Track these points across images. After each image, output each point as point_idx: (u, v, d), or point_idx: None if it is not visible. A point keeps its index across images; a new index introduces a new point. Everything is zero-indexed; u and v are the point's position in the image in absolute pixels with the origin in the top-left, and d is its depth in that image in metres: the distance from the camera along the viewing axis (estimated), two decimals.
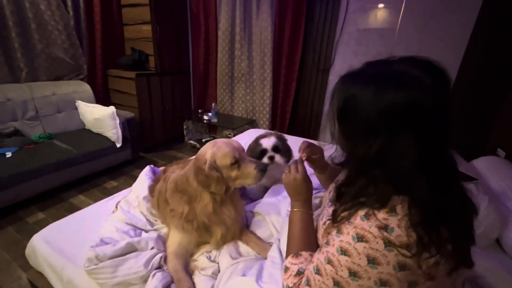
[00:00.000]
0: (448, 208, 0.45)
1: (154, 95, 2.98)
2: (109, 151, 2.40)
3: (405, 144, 0.45)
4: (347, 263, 0.47)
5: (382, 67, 0.51)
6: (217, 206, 0.86)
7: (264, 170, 0.85)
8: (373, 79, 0.49)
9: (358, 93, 0.50)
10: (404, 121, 0.45)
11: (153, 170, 1.27)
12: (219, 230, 0.88)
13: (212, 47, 3.22)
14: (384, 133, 0.47)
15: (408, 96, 0.45)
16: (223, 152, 0.84)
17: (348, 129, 0.54)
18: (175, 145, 3.37)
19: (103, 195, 2.18)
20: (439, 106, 0.45)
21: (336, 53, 2.62)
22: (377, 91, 0.47)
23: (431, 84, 0.45)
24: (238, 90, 3.24)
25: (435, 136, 0.46)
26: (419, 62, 0.49)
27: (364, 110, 0.48)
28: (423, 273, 0.44)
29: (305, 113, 2.99)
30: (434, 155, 0.46)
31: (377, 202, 0.47)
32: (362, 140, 0.50)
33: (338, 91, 0.55)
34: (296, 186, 0.72)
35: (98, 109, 2.41)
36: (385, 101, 0.46)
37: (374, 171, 0.49)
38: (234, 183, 0.87)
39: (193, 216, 0.86)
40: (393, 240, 0.44)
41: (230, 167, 0.84)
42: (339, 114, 0.55)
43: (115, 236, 0.91)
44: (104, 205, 1.20)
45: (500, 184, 1.23)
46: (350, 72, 0.55)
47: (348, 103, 0.52)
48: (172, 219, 0.89)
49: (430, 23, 2.16)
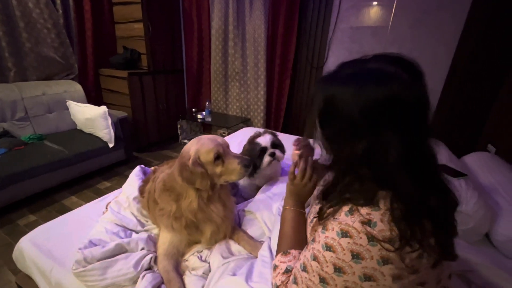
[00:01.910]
0: (431, 201, 0.46)
1: (147, 94, 2.95)
2: (101, 152, 2.37)
3: (389, 141, 0.45)
4: (332, 259, 0.47)
5: (357, 67, 0.51)
6: (203, 203, 0.85)
7: (247, 166, 0.85)
8: (351, 78, 0.49)
9: (338, 94, 0.49)
10: (386, 118, 0.46)
11: (144, 171, 1.26)
12: (208, 228, 0.87)
13: (205, 45, 3.20)
14: (368, 132, 0.47)
15: (388, 92, 0.45)
16: (207, 148, 0.84)
17: (331, 132, 0.54)
18: (170, 144, 3.34)
19: (96, 196, 2.15)
20: (418, 100, 0.46)
21: (329, 50, 2.62)
22: (356, 90, 0.47)
23: (407, 78, 0.46)
24: (232, 89, 3.22)
25: (417, 130, 0.46)
26: (392, 59, 0.49)
27: (345, 111, 0.48)
28: (406, 267, 0.44)
29: (299, 111, 2.99)
30: (417, 150, 0.47)
31: (363, 200, 0.47)
32: (346, 142, 0.50)
33: (317, 95, 0.54)
34: (303, 191, 0.72)
35: (90, 109, 2.37)
36: (365, 99, 0.46)
37: (360, 169, 0.50)
38: (219, 179, 0.87)
39: (181, 214, 0.86)
40: (376, 235, 0.44)
41: (214, 163, 0.84)
42: (320, 117, 0.54)
43: (104, 238, 0.90)
44: (94, 206, 1.19)
45: (490, 180, 1.24)
46: (326, 74, 0.55)
47: (328, 105, 0.51)
48: (161, 218, 0.88)
49: (422, 20, 2.17)
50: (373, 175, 0.48)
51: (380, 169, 0.47)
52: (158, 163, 2.78)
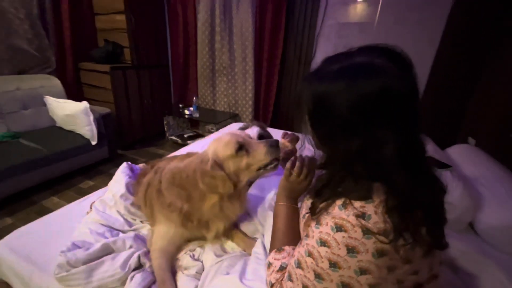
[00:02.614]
0: (422, 191, 0.46)
1: (131, 89, 2.84)
2: (83, 149, 2.27)
3: (384, 136, 0.45)
4: (327, 254, 0.46)
5: (344, 61, 0.49)
6: (224, 203, 0.81)
7: (275, 145, 0.79)
8: (340, 74, 0.48)
9: (328, 91, 0.48)
10: (379, 112, 0.45)
11: (131, 167, 1.21)
12: (222, 225, 0.83)
13: (191, 39, 3.11)
14: (361, 129, 0.46)
15: (380, 85, 0.44)
16: (224, 141, 0.79)
17: (322, 131, 0.53)
18: (156, 141, 3.25)
19: (79, 196, 2.05)
20: (411, 91, 0.45)
21: (317, 46, 2.63)
22: (346, 85, 0.46)
23: (397, 70, 0.45)
24: (219, 84, 3.17)
25: (410, 122, 0.46)
26: (379, 50, 0.48)
27: (337, 108, 0.47)
28: (400, 258, 0.44)
29: (287, 106, 2.98)
30: (411, 143, 0.46)
31: (358, 196, 0.47)
32: (339, 140, 0.49)
33: (304, 94, 0.52)
34: (297, 188, 0.70)
35: (70, 105, 2.26)
36: (356, 95, 0.45)
37: (353, 166, 0.49)
38: (248, 172, 0.80)
39: (196, 215, 0.81)
40: (371, 228, 0.43)
41: (237, 155, 0.77)
42: (310, 118, 0.53)
43: (89, 239, 0.85)
44: (77, 206, 1.13)
45: (472, 171, 1.29)
46: (313, 71, 0.53)
47: (318, 104, 0.50)
48: (171, 213, 0.83)
49: (407, 17, 2.22)
50: (368, 171, 0.48)
51: (375, 164, 0.47)
52: (144, 160, 2.70)
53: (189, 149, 1.64)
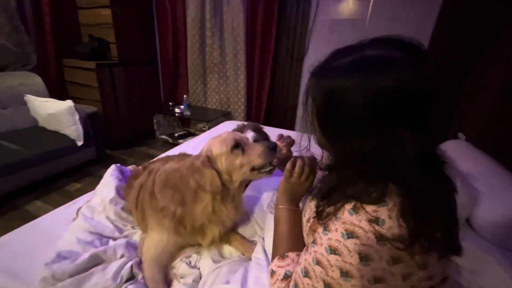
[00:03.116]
0: (438, 192, 0.43)
1: (119, 87, 2.73)
2: (69, 150, 2.17)
3: (401, 135, 0.42)
4: (338, 263, 0.43)
5: (356, 54, 0.45)
6: (216, 204, 0.77)
7: (272, 149, 0.75)
8: (353, 67, 0.44)
9: (340, 87, 0.44)
10: (396, 109, 0.41)
11: (120, 170, 1.15)
12: (217, 230, 0.79)
13: (181, 35, 3.02)
14: (377, 127, 0.43)
15: (397, 80, 0.41)
16: (221, 138, 0.76)
17: (332, 130, 0.49)
18: (146, 140, 3.16)
19: (65, 199, 1.97)
20: (429, 85, 0.42)
21: (309, 42, 2.60)
22: (361, 80, 0.42)
23: (414, 64, 0.42)
24: (211, 81, 3.10)
25: (428, 119, 0.43)
26: (394, 42, 0.45)
27: (351, 105, 0.43)
28: (416, 264, 0.42)
29: (280, 104, 2.95)
30: (428, 142, 0.44)
31: (370, 200, 0.44)
32: (352, 140, 0.46)
33: (314, 90, 0.49)
34: (298, 189, 0.67)
35: (53, 104, 2.15)
36: (372, 90, 0.41)
37: (367, 167, 0.45)
38: (240, 172, 0.76)
39: (188, 219, 0.77)
40: (385, 233, 0.41)
41: (232, 153, 0.74)
42: (320, 115, 0.49)
43: (76, 249, 0.79)
44: (63, 212, 1.05)
45: (467, 166, 1.30)
46: (321, 65, 0.49)
47: (329, 100, 0.46)
48: (163, 219, 0.78)
49: (398, 13, 2.22)
50: (381, 172, 0.44)
51: (390, 165, 0.43)
52: (134, 161, 2.61)
53: (182, 149, 1.58)
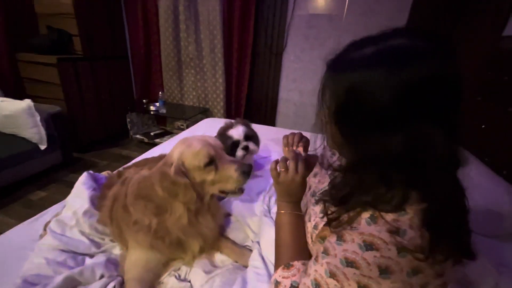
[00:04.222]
0: (458, 199, 0.41)
1: (85, 84, 2.51)
2: (30, 155, 1.95)
3: (431, 133, 0.38)
4: (356, 276, 0.40)
5: (379, 44, 0.42)
6: (192, 216, 0.71)
7: (248, 173, 0.71)
8: (378, 58, 0.40)
9: (364, 80, 0.40)
10: (427, 104, 0.38)
11: (94, 177, 1.03)
12: (197, 243, 0.74)
13: (152, 27, 2.84)
14: (405, 124, 0.39)
15: (429, 72, 0.37)
16: (194, 150, 0.69)
17: (354, 129, 0.45)
18: (119, 141, 2.96)
19: (28, 210, 1.78)
20: (458, 79, 0.39)
21: (288, 36, 2.58)
22: (388, 72, 0.38)
23: (444, 56, 0.39)
24: (187, 77, 2.97)
25: (457, 116, 0.40)
26: (420, 33, 0.41)
27: (376, 100, 0.39)
28: (434, 273, 0.40)
29: (260, 99, 2.91)
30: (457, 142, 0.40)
31: (391, 207, 0.41)
32: (375, 139, 0.42)
33: (333, 84, 0.44)
34: (292, 188, 0.62)
35: (8, 104, 1.91)
36: (402, 82, 0.38)
37: (390, 171, 0.42)
38: (211, 188, 0.73)
39: (164, 232, 0.70)
40: (407, 245, 0.38)
41: (205, 169, 0.69)
42: (339, 112, 0.45)
43: (46, 272, 0.69)
44: (27, 228, 0.93)
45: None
46: (337, 57, 0.45)
47: (351, 96, 0.42)
48: (137, 234, 0.71)
49: (374, 9, 2.27)
50: (407, 176, 0.41)
51: (418, 168, 0.40)
52: (106, 163, 2.44)
53: (161, 149, 1.48)
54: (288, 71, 2.70)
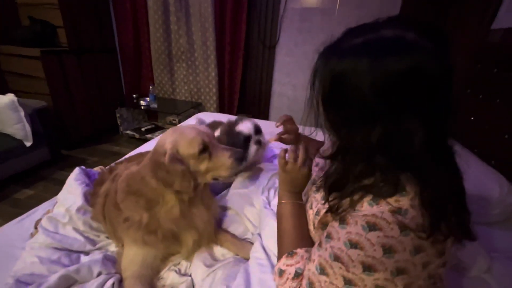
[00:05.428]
0: (453, 180, 0.43)
1: (72, 78, 2.42)
2: (15, 153, 1.88)
3: (410, 124, 0.40)
4: (360, 257, 0.41)
5: (369, 34, 0.42)
6: (185, 207, 0.70)
7: (241, 159, 0.72)
8: (364, 49, 0.41)
9: (349, 69, 0.41)
10: (407, 96, 0.40)
11: (86, 173, 1.00)
12: (190, 236, 0.72)
13: (141, 19, 2.75)
14: (385, 115, 0.41)
15: (411, 64, 0.38)
16: (188, 138, 0.68)
17: (339, 116, 0.47)
18: (109, 137, 2.88)
19: (15, 209, 1.72)
20: (446, 72, 0.40)
21: (281, 30, 2.55)
22: (371, 63, 0.40)
23: (432, 48, 0.40)
24: (178, 70, 2.91)
25: (442, 108, 0.41)
26: (412, 23, 0.42)
27: (358, 90, 0.41)
28: (436, 251, 0.41)
29: (254, 93, 2.89)
30: (440, 131, 0.42)
31: (388, 191, 0.42)
32: (358, 127, 0.44)
33: (322, 71, 0.46)
34: (298, 178, 0.63)
35: None
36: (383, 74, 0.39)
37: (375, 158, 0.44)
38: (204, 177, 0.72)
39: (156, 225, 0.69)
40: (408, 224, 0.40)
41: (199, 157, 0.69)
42: (326, 99, 0.46)
43: (39, 271, 0.66)
44: (16, 227, 0.89)
45: None
46: (331, 45, 0.46)
47: (337, 83, 0.44)
48: (128, 231, 0.69)
49: (366, 2, 2.28)
50: (392, 162, 0.43)
51: (399, 155, 0.42)
52: (96, 160, 2.37)
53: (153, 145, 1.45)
54: (281, 64, 2.68)
